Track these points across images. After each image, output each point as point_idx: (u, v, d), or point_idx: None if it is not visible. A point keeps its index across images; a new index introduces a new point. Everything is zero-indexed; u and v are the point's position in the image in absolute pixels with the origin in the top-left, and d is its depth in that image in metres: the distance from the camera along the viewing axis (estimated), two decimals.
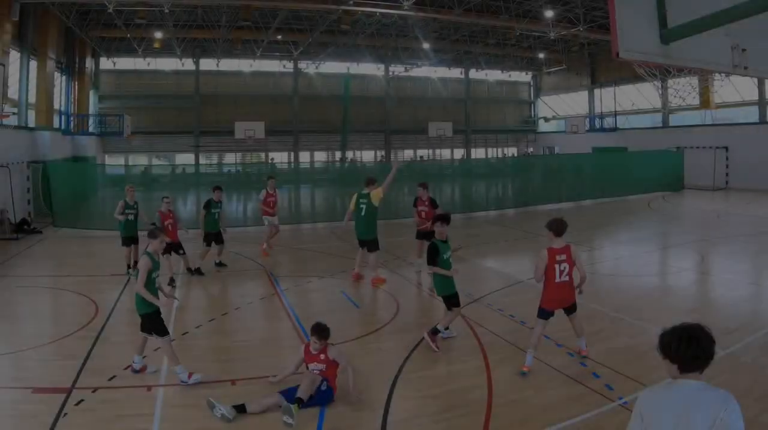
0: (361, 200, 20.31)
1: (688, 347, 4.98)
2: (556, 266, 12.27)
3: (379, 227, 21.39)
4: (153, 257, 12.63)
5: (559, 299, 12.53)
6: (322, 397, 10.91)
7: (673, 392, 5.05)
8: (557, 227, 12.54)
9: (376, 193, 20.24)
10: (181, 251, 20.85)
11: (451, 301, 13.93)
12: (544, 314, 12.59)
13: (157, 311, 12.22)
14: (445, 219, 14.52)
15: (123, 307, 17.68)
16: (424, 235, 20.71)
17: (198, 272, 21.57)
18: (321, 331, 11.16)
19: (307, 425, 10.21)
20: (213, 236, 22.31)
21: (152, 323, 12.21)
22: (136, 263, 18.67)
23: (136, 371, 12.34)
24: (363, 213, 20.26)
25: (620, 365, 12.35)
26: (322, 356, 11.19)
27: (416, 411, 10.71)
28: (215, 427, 10.20)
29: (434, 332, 13.71)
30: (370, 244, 20.32)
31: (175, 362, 11.89)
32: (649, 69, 46.33)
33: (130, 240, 21.52)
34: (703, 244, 27.31)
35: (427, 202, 21.94)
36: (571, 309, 12.74)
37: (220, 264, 22.81)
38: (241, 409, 10.40)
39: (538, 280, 12.70)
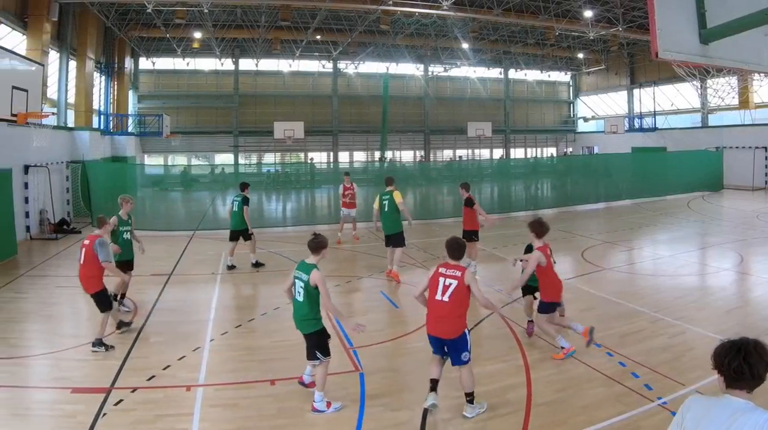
0: (384, 197, 21.26)
1: (733, 359, 4.78)
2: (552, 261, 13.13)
3: (417, 227, 21.50)
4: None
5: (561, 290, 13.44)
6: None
7: (716, 408, 4.86)
8: (539, 228, 13.73)
9: (398, 194, 21.18)
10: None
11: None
12: (553, 307, 13.31)
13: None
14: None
15: (162, 307, 17.88)
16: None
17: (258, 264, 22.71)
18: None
19: (346, 424, 10.31)
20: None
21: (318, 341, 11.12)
22: (123, 295, 17.40)
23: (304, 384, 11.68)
24: (387, 209, 21.13)
25: (659, 364, 12.35)
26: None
27: (455, 411, 10.72)
28: (254, 427, 10.30)
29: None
30: (396, 239, 20.90)
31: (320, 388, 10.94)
32: (689, 69, 46.02)
33: (125, 265, 17.14)
34: (742, 244, 26.95)
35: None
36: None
37: (257, 264, 23.09)
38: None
39: (526, 280, 13.34)
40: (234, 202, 23.09)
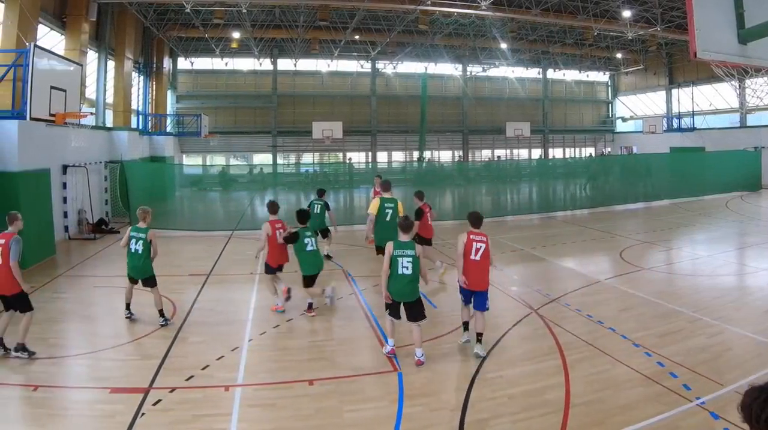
0: (387, 205, 19.48)
1: (762, 411, 4.03)
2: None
3: (456, 227, 21.58)
4: None
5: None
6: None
7: None
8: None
9: (401, 205, 19.83)
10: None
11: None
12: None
13: None
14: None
15: (201, 307, 17.99)
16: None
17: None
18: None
19: (385, 423, 10.39)
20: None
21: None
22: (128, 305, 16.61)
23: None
24: (389, 218, 19.25)
25: (698, 364, 12.35)
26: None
27: (493, 411, 10.74)
28: (292, 427, 10.39)
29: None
30: None
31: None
32: (727, 69, 45.83)
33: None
34: None
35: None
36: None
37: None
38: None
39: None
40: (315, 205, 24.03)
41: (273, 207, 18.17)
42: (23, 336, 13.35)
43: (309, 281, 16.83)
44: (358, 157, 70.43)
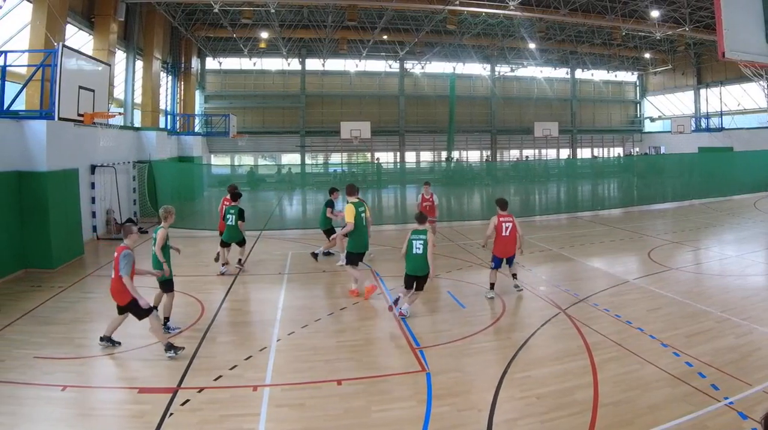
0: (359, 209, 18.93)
1: None
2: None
3: (483, 228, 21.68)
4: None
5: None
6: None
7: None
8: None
9: (368, 208, 19.56)
10: None
11: None
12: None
13: None
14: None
15: (229, 307, 18.09)
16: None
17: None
18: None
19: (413, 423, 10.41)
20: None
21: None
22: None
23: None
24: (364, 223, 19.06)
25: (726, 364, 12.33)
26: None
27: (522, 411, 10.76)
28: (320, 427, 10.44)
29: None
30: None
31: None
32: (755, 69, 45.64)
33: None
34: None
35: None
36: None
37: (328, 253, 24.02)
38: None
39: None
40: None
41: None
42: (162, 339, 13.64)
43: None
44: (386, 158, 70.51)
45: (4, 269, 21.11)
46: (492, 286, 18.51)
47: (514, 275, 19.07)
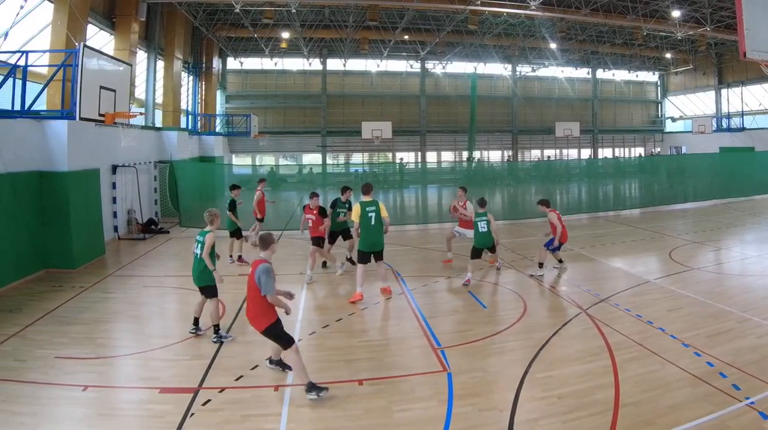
0: (368, 209, 18.72)
1: None
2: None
3: (506, 228, 21.90)
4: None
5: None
6: None
7: None
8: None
9: (383, 207, 19.01)
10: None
11: None
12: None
13: None
14: None
15: None
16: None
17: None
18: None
19: (435, 423, 10.45)
20: (339, 233, 22.85)
21: None
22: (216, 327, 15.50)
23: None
24: (373, 222, 18.72)
25: (748, 364, 12.34)
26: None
27: (543, 411, 10.80)
28: (341, 427, 10.51)
29: None
30: (382, 253, 19.12)
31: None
32: None
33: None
34: None
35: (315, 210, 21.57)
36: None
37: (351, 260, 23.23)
38: None
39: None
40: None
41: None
42: (304, 380, 11.67)
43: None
44: (407, 157, 70.59)
45: (26, 268, 21.35)
46: (560, 260, 21.66)
47: (561, 260, 21.64)
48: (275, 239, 12.52)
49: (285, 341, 11.85)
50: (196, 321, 15.27)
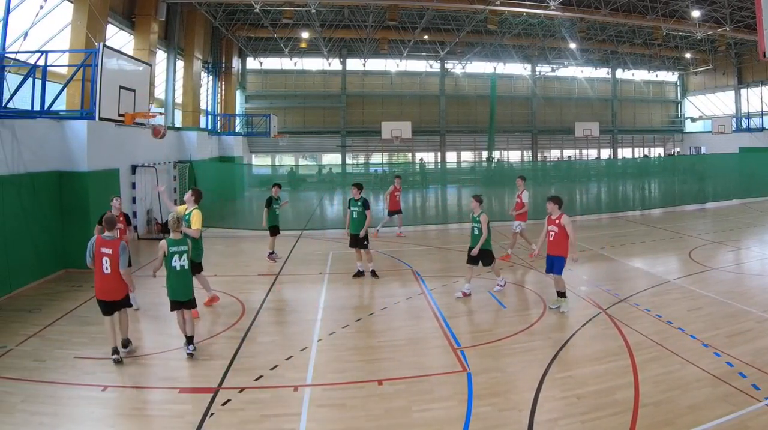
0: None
1: None
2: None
3: (527, 228, 22.13)
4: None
5: None
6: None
7: None
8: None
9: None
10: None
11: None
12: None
13: None
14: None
15: (269, 307, 18.26)
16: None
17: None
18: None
19: (454, 423, 10.49)
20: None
21: None
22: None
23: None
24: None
25: (767, 365, 12.33)
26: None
27: (562, 411, 10.84)
28: (362, 427, 10.55)
29: None
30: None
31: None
32: None
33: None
34: None
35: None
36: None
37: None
38: None
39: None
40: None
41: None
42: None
43: None
44: (427, 158, 70.44)
45: (45, 268, 21.55)
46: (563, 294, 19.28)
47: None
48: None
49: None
50: (189, 339, 14.32)
